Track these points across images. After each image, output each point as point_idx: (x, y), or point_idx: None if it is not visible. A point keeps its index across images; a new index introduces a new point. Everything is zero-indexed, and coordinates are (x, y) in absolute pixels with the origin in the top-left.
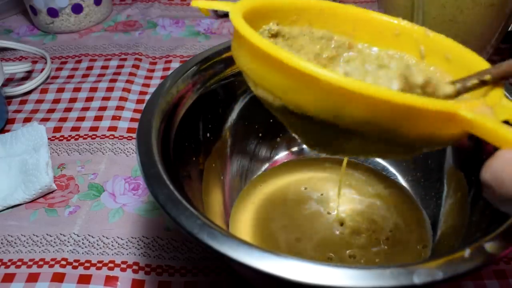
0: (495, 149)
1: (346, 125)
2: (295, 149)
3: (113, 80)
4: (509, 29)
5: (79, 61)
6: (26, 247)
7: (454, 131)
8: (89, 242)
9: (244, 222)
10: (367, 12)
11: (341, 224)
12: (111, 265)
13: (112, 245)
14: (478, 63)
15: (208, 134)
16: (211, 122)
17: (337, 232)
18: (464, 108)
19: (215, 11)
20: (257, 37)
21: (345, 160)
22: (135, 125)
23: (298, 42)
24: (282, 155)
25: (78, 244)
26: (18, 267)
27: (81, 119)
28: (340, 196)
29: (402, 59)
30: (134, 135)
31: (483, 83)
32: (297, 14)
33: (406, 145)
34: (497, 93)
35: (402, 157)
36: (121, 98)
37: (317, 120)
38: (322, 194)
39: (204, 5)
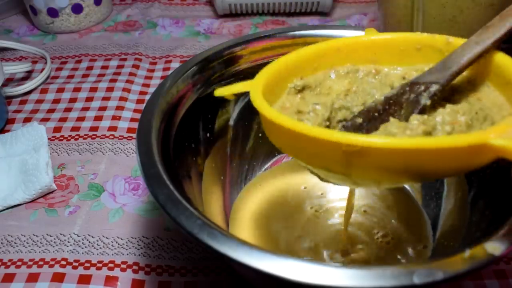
0: None
1: (378, 179)
2: None
3: (113, 80)
4: None
5: (79, 61)
6: (26, 247)
7: (486, 158)
8: (89, 242)
9: (244, 222)
10: (383, 35)
11: (342, 223)
12: (111, 265)
13: (112, 245)
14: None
15: (208, 134)
16: (211, 122)
17: (338, 232)
18: (494, 136)
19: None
20: (274, 114)
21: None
22: (135, 125)
23: (326, 86)
24: (282, 155)
25: (78, 244)
26: (18, 267)
27: (81, 119)
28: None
29: None
30: (134, 135)
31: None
32: (316, 61)
33: (435, 177)
34: None
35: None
36: (121, 98)
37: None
38: (322, 194)
39: (227, 92)
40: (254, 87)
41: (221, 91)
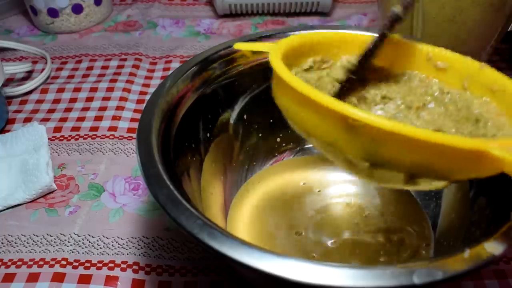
0: None
1: (378, 162)
2: (295, 149)
3: (113, 80)
4: (509, 29)
5: (79, 61)
6: (26, 247)
7: (486, 169)
8: (89, 242)
9: (242, 219)
10: (406, 41)
11: (341, 222)
12: (111, 265)
13: (112, 245)
14: None
15: (208, 134)
16: (211, 122)
17: (337, 230)
18: (496, 147)
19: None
20: (292, 78)
21: None
22: (135, 125)
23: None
24: (282, 155)
25: (78, 244)
26: (18, 267)
27: (81, 119)
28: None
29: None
30: (134, 135)
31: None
32: (337, 47)
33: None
34: None
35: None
36: (121, 98)
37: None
38: (319, 190)
39: (246, 48)
40: (274, 49)
41: (241, 46)
